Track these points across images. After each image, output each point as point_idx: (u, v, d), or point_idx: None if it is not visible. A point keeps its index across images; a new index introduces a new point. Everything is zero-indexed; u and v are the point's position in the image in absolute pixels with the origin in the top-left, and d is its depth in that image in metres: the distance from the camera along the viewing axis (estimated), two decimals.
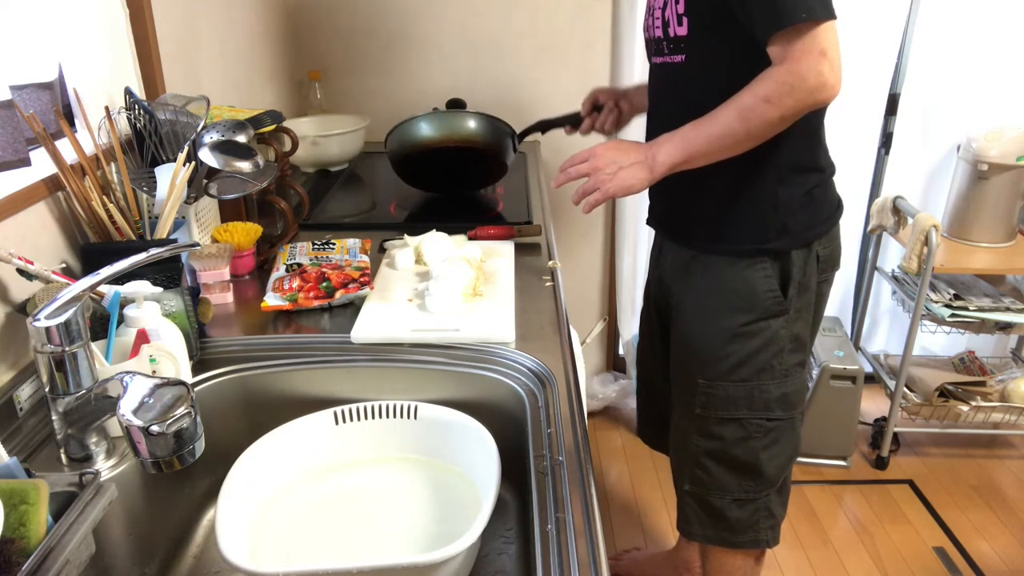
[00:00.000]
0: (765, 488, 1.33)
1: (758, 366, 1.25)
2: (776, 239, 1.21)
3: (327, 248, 1.28)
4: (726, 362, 1.25)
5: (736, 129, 1.09)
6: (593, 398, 2.51)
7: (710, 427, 1.30)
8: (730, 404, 1.27)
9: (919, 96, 2.30)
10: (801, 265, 1.22)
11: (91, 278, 0.76)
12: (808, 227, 1.22)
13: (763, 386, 1.26)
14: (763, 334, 1.23)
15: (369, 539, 0.90)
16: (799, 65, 1.02)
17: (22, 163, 0.93)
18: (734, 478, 1.32)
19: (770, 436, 1.29)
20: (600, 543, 0.72)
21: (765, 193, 1.19)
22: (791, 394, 1.28)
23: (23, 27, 1.01)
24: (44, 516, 0.66)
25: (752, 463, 1.30)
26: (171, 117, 1.14)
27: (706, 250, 1.26)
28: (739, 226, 1.22)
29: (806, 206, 1.21)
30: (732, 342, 1.24)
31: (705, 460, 1.32)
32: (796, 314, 1.24)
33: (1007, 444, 2.42)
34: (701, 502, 1.36)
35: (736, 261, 1.23)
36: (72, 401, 0.77)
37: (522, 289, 1.20)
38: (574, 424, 0.89)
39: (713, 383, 1.27)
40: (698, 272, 1.28)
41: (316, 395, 1.03)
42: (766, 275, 1.22)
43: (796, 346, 1.26)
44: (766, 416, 1.27)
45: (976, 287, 2.24)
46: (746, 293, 1.23)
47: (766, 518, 1.35)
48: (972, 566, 1.94)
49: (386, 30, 2.14)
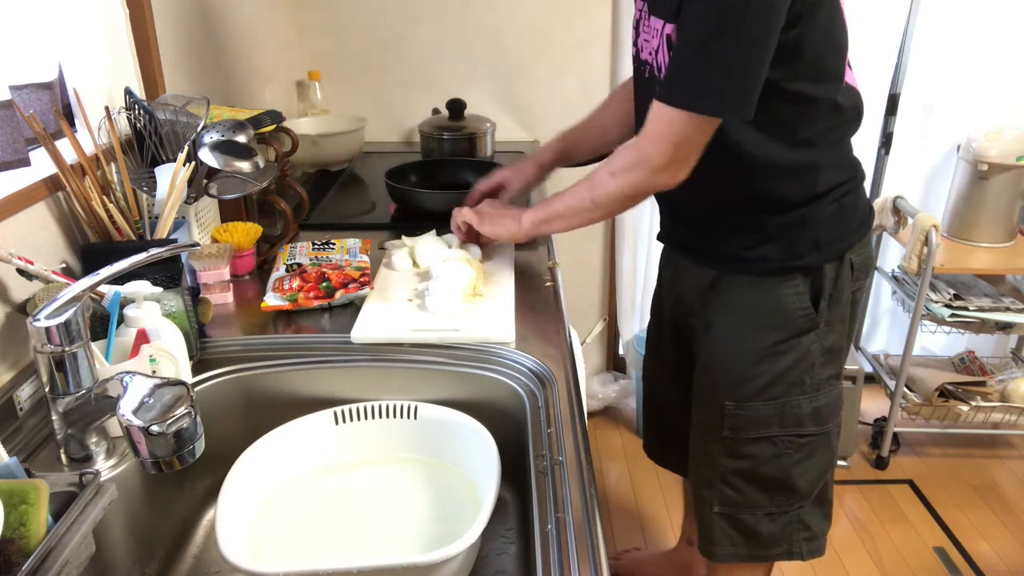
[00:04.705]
0: (798, 501, 1.27)
1: (788, 383, 1.18)
2: (808, 254, 1.13)
3: (327, 248, 1.28)
4: (756, 383, 1.19)
5: (584, 198, 1.12)
6: (593, 398, 2.51)
7: (739, 448, 1.24)
8: (760, 424, 1.21)
9: (919, 96, 2.30)
10: (833, 277, 1.15)
11: (91, 278, 0.76)
12: (840, 238, 1.15)
13: (794, 402, 1.19)
14: (794, 351, 1.17)
15: (369, 539, 0.90)
16: (654, 145, 1.01)
17: (22, 163, 0.93)
18: (765, 495, 1.26)
19: (803, 451, 1.23)
20: (600, 543, 0.72)
21: (792, 209, 1.12)
22: (823, 408, 1.21)
23: (23, 27, 1.01)
24: (44, 516, 0.66)
25: (784, 479, 1.24)
26: (171, 117, 1.14)
27: (732, 270, 1.19)
28: (767, 245, 1.15)
29: (836, 217, 1.14)
30: (762, 362, 1.18)
31: (734, 479, 1.26)
32: (827, 327, 1.18)
33: (1007, 444, 2.42)
34: (732, 521, 1.29)
35: (765, 279, 1.16)
36: (72, 401, 0.77)
37: (522, 289, 1.20)
38: (574, 424, 0.89)
39: (742, 404, 1.20)
40: (723, 292, 1.21)
41: (316, 395, 1.02)
42: (797, 292, 1.15)
43: (828, 359, 1.20)
44: (797, 432, 1.21)
45: (976, 287, 2.24)
46: (776, 312, 1.16)
47: (800, 530, 1.29)
48: (972, 566, 1.94)
49: (386, 30, 2.14)
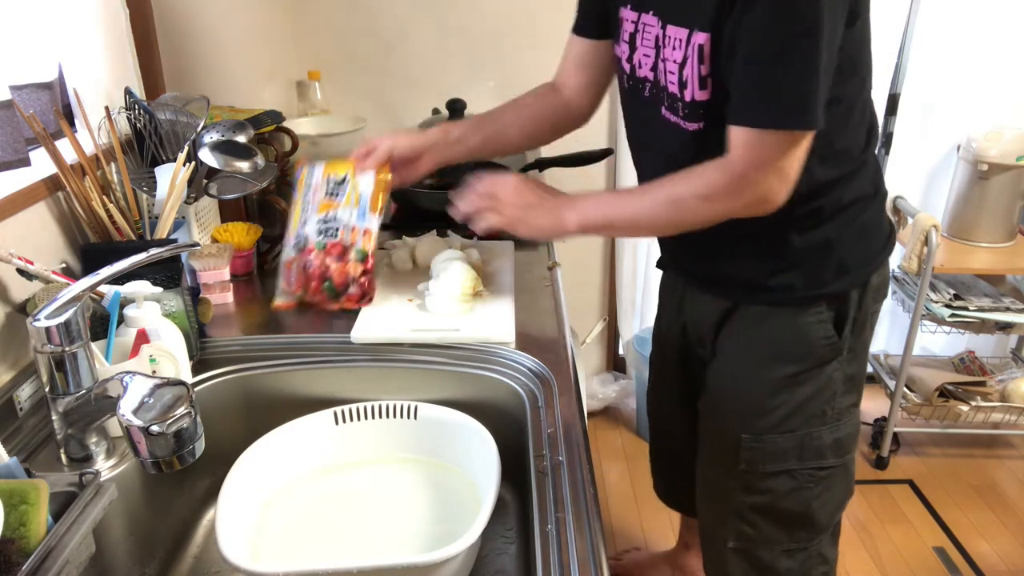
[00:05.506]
0: (818, 535, 1.21)
1: (808, 414, 1.11)
2: (834, 281, 1.06)
3: (337, 196, 1.15)
4: (775, 414, 1.11)
5: (662, 216, 0.99)
6: (593, 398, 2.51)
7: (756, 482, 1.17)
8: (779, 456, 1.14)
9: (919, 96, 2.30)
10: (857, 301, 1.09)
11: (91, 278, 0.76)
12: (866, 261, 1.09)
13: (814, 433, 1.12)
14: (814, 381, 1.10)
15: (369, 539, 0.90)
16: (757, 172, 0.91)
17: (22, 163, 0.93)
18: (784, 530, 1.20)
19: (823, 484, 1.16)
20: (600, 543, 0.72)
21: (818, 226, 1.05)
22: (844, 438, 1.15)
23: (23, 27, 1.01)
24: (44, 516, 0.66)
25: (804, 513, 1.18)
26: (171, 117, 1.14)
27: (749, 300, 1.12)
28: (790, 273, 1.07)
29: (861, 237, 1.07)
30: (780, 393, 1.11)
31: (751, 515, 1.20)
32: (851, 354, 1.11)
33: (1007, 444, 2.42)
34: (748, 557, 1.24)
35: (785, 309, 1.09)
36: (72, 401, 0.77)
37: (522, 289, 1.20)
38: (574, 424, 0.89)
39: (759, 437, 1.14)
40: (738, 322, 1.14)
41: (316, 395, 1.02)
42: (821, 320, 1.07)
43: (849, 387, 1.13)
44: (818, 465, 1.15)
45: (976, 287, 2.24)
46: (798, 342, 1.09)
47: (819, 564, 1.24)
48: (972, 566, 1.94)
49: (386, 30, 2.14)
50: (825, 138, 0.96)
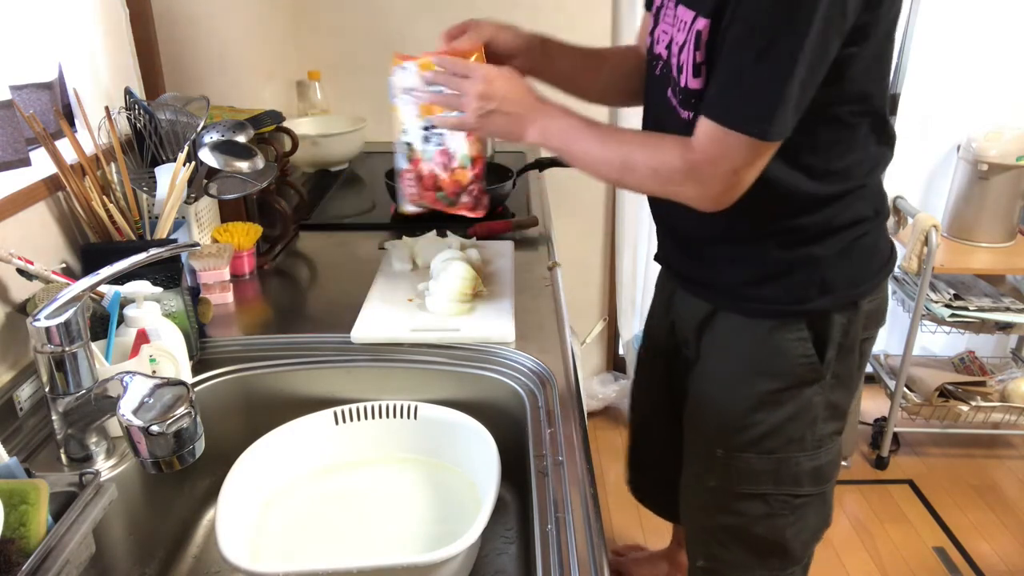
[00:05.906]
0: (791, 566, 1.20)
1: (787, 437, 1.08)
2: (815, 299, 1.02)
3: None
4: (751, 432, 1.09)
5: (613, 172, 0.97)
6: (593, 398, 2.51)
7: (728, 502, 1.15)
8: (753, 478, 1.11)
9: (919, 96, 2.30)
10: (844, 325, 1.04)
11: (91, 278, 0.76)
12: (853, 283, 1.04)
13: (792, 459, 1.09)
14: (794, 402, 1.07)
15: (369, 539, 0.90)
16: (711, 168, 0.89)
17: (22, 163, 0.93)
18: (756, 557, 1.18)
19: (798, 513, 1.14)
20: (600, 543, 0.72)
21: (802, 245, 1.02)
22: (824, 466, 1.12)
23: (23, 27, 1.01)
24: (44, 516, 0.66)
25: (777, 542, 1.15)
26: (171, 117, 1.14)
27: (727, 307, 1.10)
28: (768, 284, 1.04)
29: (850, 258, 1.03)
30: (758, 410, 1.08)
31: (723, 536, 1.18)
32: (835, 380, 1.07)
33: (1007, 444, 2.42)
34: None
35: (763, 321, 1.06)
36: (72, 401, 0.77)
37: (522, 289, 1.20)
38: (574, 424, 0.89)
39: (733, 454, 1.11)
40: (718, 328, 1.11)
41: (316, 395, 1.02)
42: (800, 338, 1.04)
43: (833, 414, 1.10)
44: (793, 492, 1.12)
45: (976, 287, 2.24)
46: (776, 358, 1.06)
47: None
48: (972, 566, 1.94)
49: (386, 30, 2.14)
50: (823, 155, 0.94)
